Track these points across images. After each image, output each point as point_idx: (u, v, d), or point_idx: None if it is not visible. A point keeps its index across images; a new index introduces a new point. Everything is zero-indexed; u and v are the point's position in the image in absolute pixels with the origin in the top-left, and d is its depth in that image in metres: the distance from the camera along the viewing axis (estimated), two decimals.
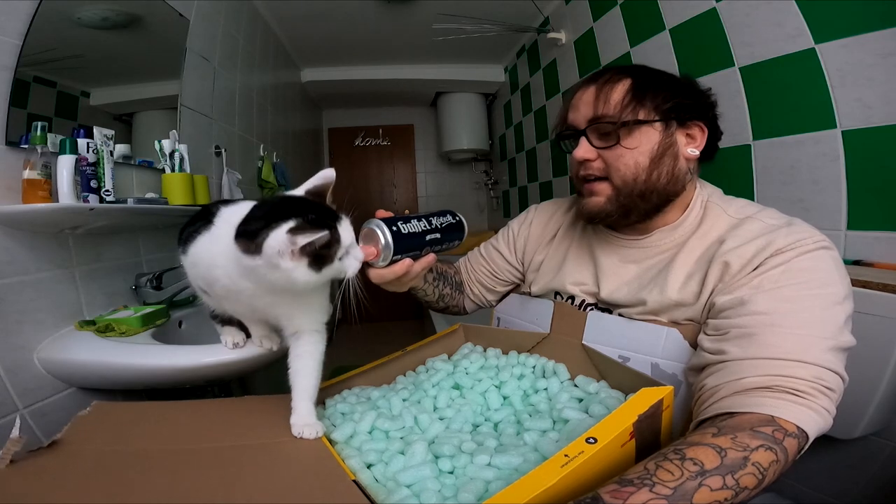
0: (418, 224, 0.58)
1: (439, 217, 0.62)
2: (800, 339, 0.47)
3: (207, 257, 0.52)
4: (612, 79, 0.62)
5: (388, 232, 0.54)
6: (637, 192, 0.61)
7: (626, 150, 0.60)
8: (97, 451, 0.44)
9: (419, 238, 0.57)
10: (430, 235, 0.58)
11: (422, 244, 0.58)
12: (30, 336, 0.83)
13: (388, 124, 3.77)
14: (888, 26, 0.86)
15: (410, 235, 0.56)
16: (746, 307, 0.51)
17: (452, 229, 0.62)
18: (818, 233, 0.54)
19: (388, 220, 0.55)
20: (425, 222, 0.59)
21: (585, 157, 0.63)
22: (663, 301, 0.60)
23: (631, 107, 0.59)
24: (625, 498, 0.33)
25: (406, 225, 0.56)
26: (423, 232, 0.58)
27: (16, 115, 0.82)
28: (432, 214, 0.61)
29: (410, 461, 0.46)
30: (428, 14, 2.17)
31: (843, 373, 0.48)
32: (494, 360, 0.69)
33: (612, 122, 0.60)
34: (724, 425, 0.43)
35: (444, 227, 0.61)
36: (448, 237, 0.61)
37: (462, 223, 0.64)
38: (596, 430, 0.37)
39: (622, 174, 0.61)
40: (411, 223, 0.57)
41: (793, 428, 0.43)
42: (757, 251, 0.53)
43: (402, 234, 0.55)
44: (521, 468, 0.43)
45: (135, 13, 1.19)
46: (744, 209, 0.61)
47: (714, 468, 0.37)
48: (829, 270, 0.51)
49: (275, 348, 0.73)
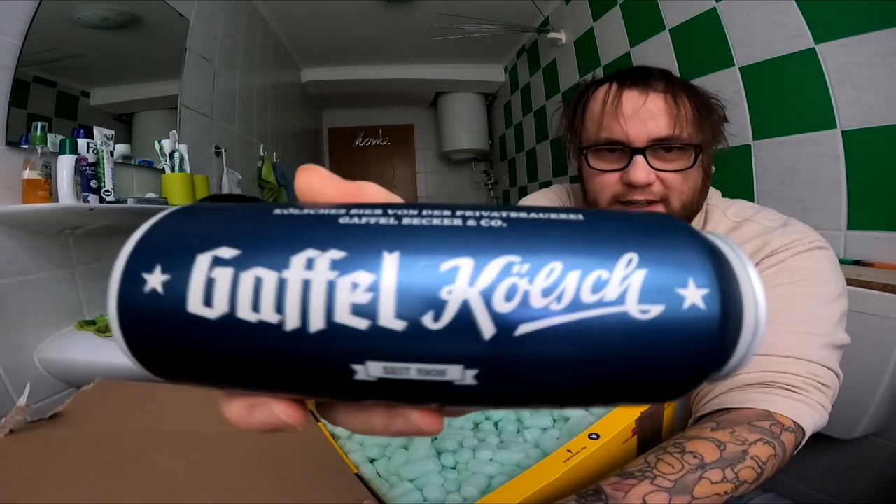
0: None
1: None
2: (795, 336, 0.48)
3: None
4: (671, 90, 0.55)
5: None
6: (688, 215, 0.58)
7: (690, 175, 0.56)
8: (99, 425, 0.44)
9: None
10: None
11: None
12: (30, 336, 0.82)
13: (388, 124, 3.77)
14: (888, 26, 0.86)
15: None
16: None
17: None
18: (814, 233, 0.54)
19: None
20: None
21: (649, 182, 0.55)
22: None
23: (697, 128, 0.55)
24: (626, 490, 0.33)
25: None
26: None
27: (16, 115, 0.82)
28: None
29: (413, 456, 0.46)
30: (428, 14, 2.17)
31: (838, 369, 0.48)
32: None
33: (692, 143, 0.54)
34: (721, 420, 0.43)
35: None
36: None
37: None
38: (598, 426, 0.38)
39: (685, 198, 0.56)
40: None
41: (789, 423, 0.43)
42: (753, 252, 0.54)
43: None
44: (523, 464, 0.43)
45: (135, 13, 1.19)
46: (742, 212, 0.62)
47: (714, 461, 0.37)
48: (823, 270, 0.52)
49: None
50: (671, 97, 0.54)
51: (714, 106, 0.60)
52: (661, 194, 0.56)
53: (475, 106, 3.31)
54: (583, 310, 0.11)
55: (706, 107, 0.58)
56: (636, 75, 0.57)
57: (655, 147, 0.55)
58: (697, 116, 0.55)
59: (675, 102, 0.54)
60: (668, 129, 0.54)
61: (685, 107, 0.55)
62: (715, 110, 0.59)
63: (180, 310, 0.11)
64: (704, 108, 0.57)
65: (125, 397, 0.52)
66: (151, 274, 0.12)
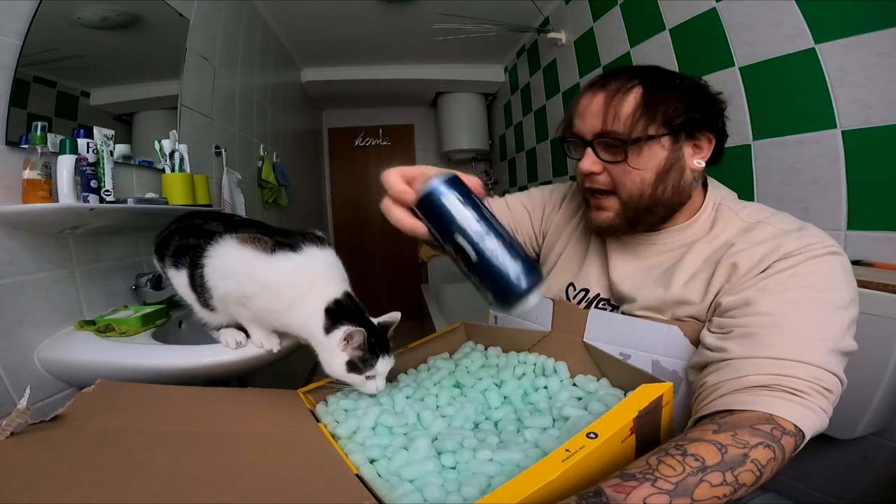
0: (479, 226, 0.43)
1: (515, 254, 0.44)
2: (801, 340, 0.48)
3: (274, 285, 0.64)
4: (623, 88, 0.59)
5: (441, 196, 0.44)
6: (643, 207, 0.61)
7: (632, 168, 0.59)
8: (100, 427, 0.44)
9: (460, 229, 0.44)
10: (471, 245, 0.43)
11: (452, 232, 0.44)
12: (30, 336, 0.82)
13: (388, 124, 3.77)
14: (888, 26, 0.86)
15: (452, 219, 0.44)
16: (751, 308, 0.51)
17: (501, 279, 0.43)
18: (829, 238, 0.54)
19: (461, 188, 0.45)
20: (491, 237, 0.43)
21: (592, 171, 0.62)
22: (666, 298, 0.60)
23: (641, 122, 0.57)
24: (627, 492, 0.33)
25: (468, 210, 0.44)
26: (471, 234, 0.43)
27: (16, 115, 0.82)
28: (513, 244, 0.45)
29: (413, 456, 0.46)
30: (428, 14, 2.17)
31: (842, 375, 0.48)
32: (495, 358, 0.69)
33: (622, 139, 0.58)
34: (723, 422, 0.43)
35: (496, 266, 0.43)
36: (487, 273, 0.44)
37: (530, 287, 0.44)
38: (596, 425, 0.38)
39: (629, 190, 0.61)
40: (475, 216, 0.44)
41: (791, 427, 0.43)
42: (766, 254, 0.54)
43: (444, 209, 0.44)
44: (523, 463, 0.43)
45: (135, 13, 1.19)
46: (756, 213, 0.61)
47: (715, 464, 0.37)
48: (835, 276, 0.51)
49: (275, 350, 0.73)
50: (612, 95, 0.59)
51: (691, 94, 0.60)
52: (608, 185, 0.62)
53: (475, 106, 3.31)
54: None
55: (667, 98, 0.58)
56: (603, 77, 0.63)
57: (600, 140, 0.60)
58: (643, 112, 0.58)
59: (613, 100, 0.59)
60: (602, 124, 0.59)
61: (628, 102, 0.58)
62: (688, 100, 0.59)
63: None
64: (664, 100, 0.58)
65: (126, 399, 0.52)
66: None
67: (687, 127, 0.59)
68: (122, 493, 0.34)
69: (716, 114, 0.62)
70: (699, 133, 0.61)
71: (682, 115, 0.58)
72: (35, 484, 0.33)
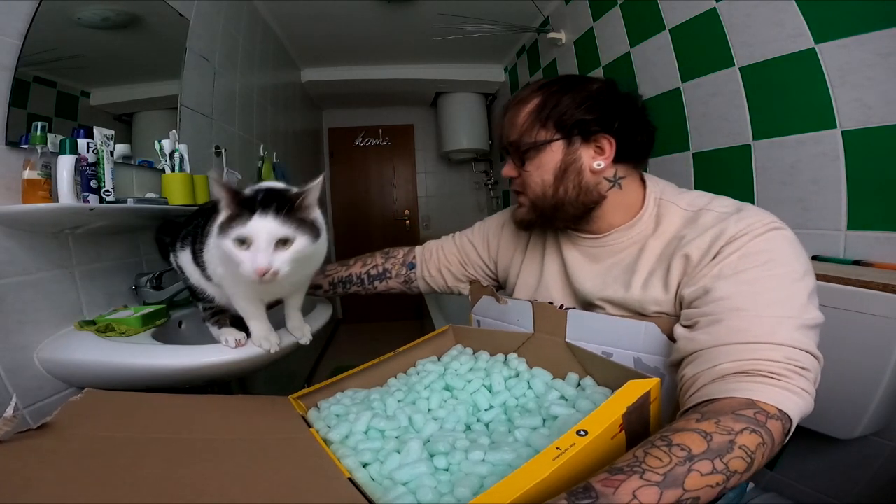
0: None
1: None
2: (767, 321, 0.48)
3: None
4: (522, 100, 0.67)
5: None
6: (548, 206, 0.67)
7: (533, 171, 0.66)
8: (88, 435, 0.43)
9: None
10: None
11: None
12: (30, 336, 0.83)
13: (388, 124, 3.77)
14: (888, 26, 0.86)
15: None
16: (711, 295, 0.52)
17: None
18: (768, 215, 0.55)
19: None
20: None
21: (508, 175, 0.71)
22: (627, 298, 0.61)
23: (534, 129, 0.64)
24: (616, 486, 0.33)
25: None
26: None
27: (16, 115, 0.82)
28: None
29: (406, 459, 0.46)
30: (428, 14, 2.17)
31: (816, 351, 0.48)
32: (483, 361, 0.70)
33: (517, 146, 0.66)
34: (706, 411, 0.43)
35: None
36: None
37: None
38: (586, 422, 0.38)
39: (532, 191, 0.68)
40: None
41: (773, 410, 0.43)
42: (712, 240, 0.55)
43: None
44: (515, 463, 0.43)
45: (135, 13, 1.19)
46: (696, 201, 0.63)
47: (701, 453, 0.37)
48: (782, 250, 0.52)
49: (273, 350, 0.73)
50: (514, 107, 0.68)
51: (586, 99, 0.63)
52: (521, 186, 0.70)
53: (475, 106, 3.31)
54: None
55: (559, 104, 0.63)
56: (515, 94, 0.70)
57: (508, 149, 0.70)
58: (535, 119, 0.64)
59: (511, 112, 0.68)
60: (506, 135, 0.69)
61: (522, 113, 0.66)
62: (580, 104, 0.62)
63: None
64: (556, 106, 0.63)
65: (114, 407, 0.51)
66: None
67: (581, 129, 0.63)
68: (111, 501, 0.34)
69: (612, 114, 0.63)
70: (597, 135, 0.63)
71: (572, 119, 0.62)
72: (22, 493, 0.32)
